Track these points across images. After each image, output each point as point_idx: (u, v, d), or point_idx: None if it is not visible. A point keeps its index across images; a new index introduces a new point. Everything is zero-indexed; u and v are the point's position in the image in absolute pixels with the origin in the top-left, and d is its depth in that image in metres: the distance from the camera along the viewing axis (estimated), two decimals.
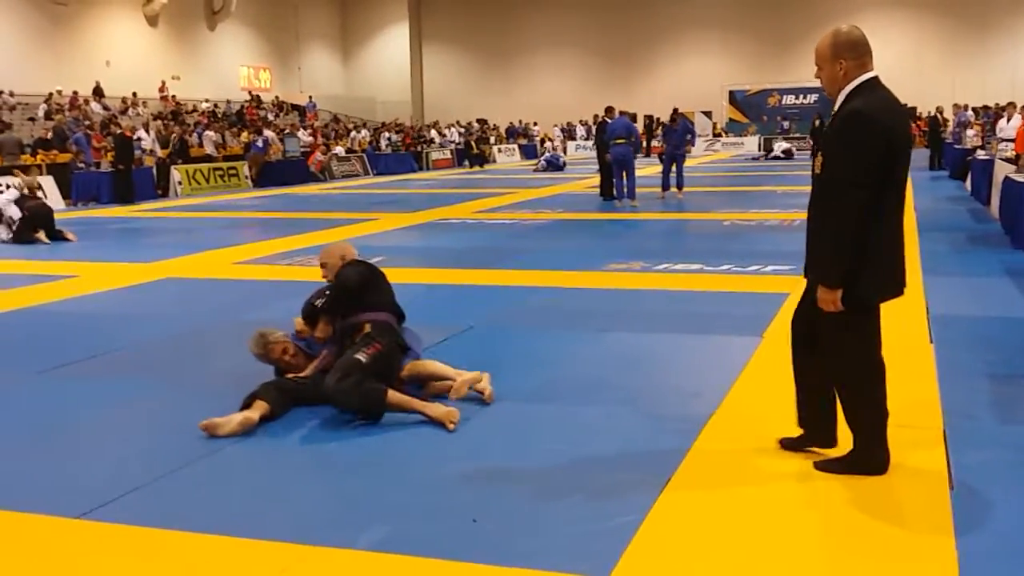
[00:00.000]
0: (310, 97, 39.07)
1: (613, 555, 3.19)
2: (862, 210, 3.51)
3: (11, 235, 13.07)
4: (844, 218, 3.53)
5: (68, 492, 3.89)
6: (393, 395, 4.73)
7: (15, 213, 13.08)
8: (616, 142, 16.51)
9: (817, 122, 32.97)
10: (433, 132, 38.82)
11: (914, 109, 40.87)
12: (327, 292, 5.25)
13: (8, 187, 15.22)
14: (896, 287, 3.75)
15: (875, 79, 3.66)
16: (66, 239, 13.16)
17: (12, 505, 3.73)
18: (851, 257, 3.56)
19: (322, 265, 5.42)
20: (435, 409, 4.67)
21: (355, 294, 5.13)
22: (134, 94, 31.14)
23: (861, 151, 3.52)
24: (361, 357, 4.73)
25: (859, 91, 3.63)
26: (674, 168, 18.06)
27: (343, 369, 4.68)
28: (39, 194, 14.03)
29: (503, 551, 3.24)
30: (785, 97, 42.91)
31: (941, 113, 25.76)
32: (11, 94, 27.62)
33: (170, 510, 3.67)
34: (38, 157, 21.81)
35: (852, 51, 3.65)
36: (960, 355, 5.72)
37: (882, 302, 3.76)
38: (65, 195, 20.04)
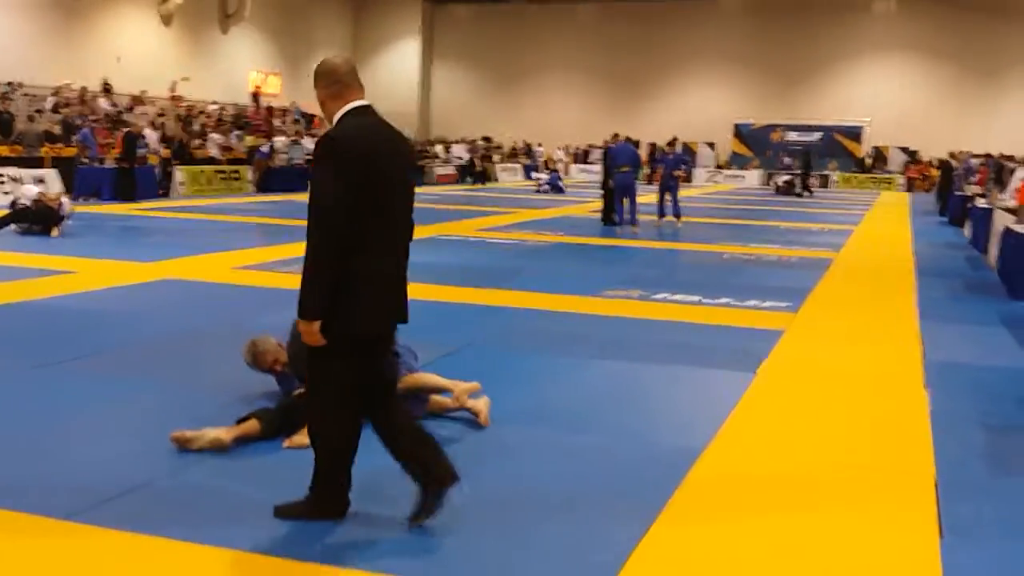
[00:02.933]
0: (294, 103, 39.00)
1: None
2: (339, 237, 3.36)
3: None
4: (321, 245, 3.36)
5: (58, 492, 3.86)
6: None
7: (24, 203, 13.27)
8: (621, 170, 16.57)
9: (806, 159, 33.42)
10: (439, 147, 38.87)
11: (915, 153, 41.14)
12: None
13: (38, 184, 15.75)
14: (381, 323, 3.60)
15: (365, 107, 3.59)
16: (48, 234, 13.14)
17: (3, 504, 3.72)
18: (330, 288, 3.38)
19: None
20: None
21: None
22: (143, 92, 31.20)
23: (331, 176, 3.36)
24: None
25: (344, 118, 3.55)
26: (668, 197, 18.12)
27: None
28: (57, 204, 13.85)
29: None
30: (788, 133, 43.11)
31: (954, 158, 25.67)
32: (20, 84, 27.64)
33: (163, 516, 3.65)
34: (43, 150, 21.81)
35: (325, 78, 3.59)
36: (955, 403, 5.74)
37: (368, 338, 3.54)
38: (68, 189, 20.03)
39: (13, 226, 13.16)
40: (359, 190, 3.38)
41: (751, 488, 4.17)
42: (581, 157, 43.30)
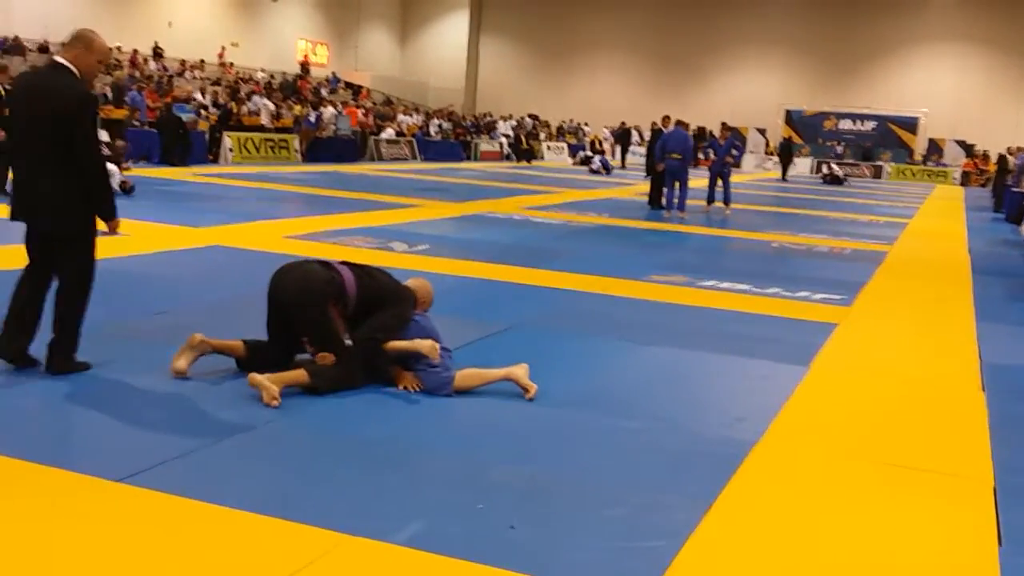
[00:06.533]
0: (333, 73, 39.10)
1: None
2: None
3: None
4: None
5: (107, 454, 3.90)
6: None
7: None
8: (672, 156, 16.35)
9: (785, 146, 33.49)
10: (499, 121, 38.74)
11: (972, 146, 40.31)
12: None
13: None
14: (14, 215, 4.87)
15: (49, 60, 4.94)
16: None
17: (52, 461, 3.75)
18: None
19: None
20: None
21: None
22: (201, 61, 31.44)
23: None
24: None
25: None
26: (720, 183, 17.92)
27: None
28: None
29: (538, 561, 3.20)
30: (842, 121, 42.44)
31: (1011, 154, 25.06)
32: None
33: (209, 482, 3.67)
34: None
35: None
36: (1013, 406, 5.59)
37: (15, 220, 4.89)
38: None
39: None
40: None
41: (803, 485, 4.09)
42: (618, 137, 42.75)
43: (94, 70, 4.95)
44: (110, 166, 13.62)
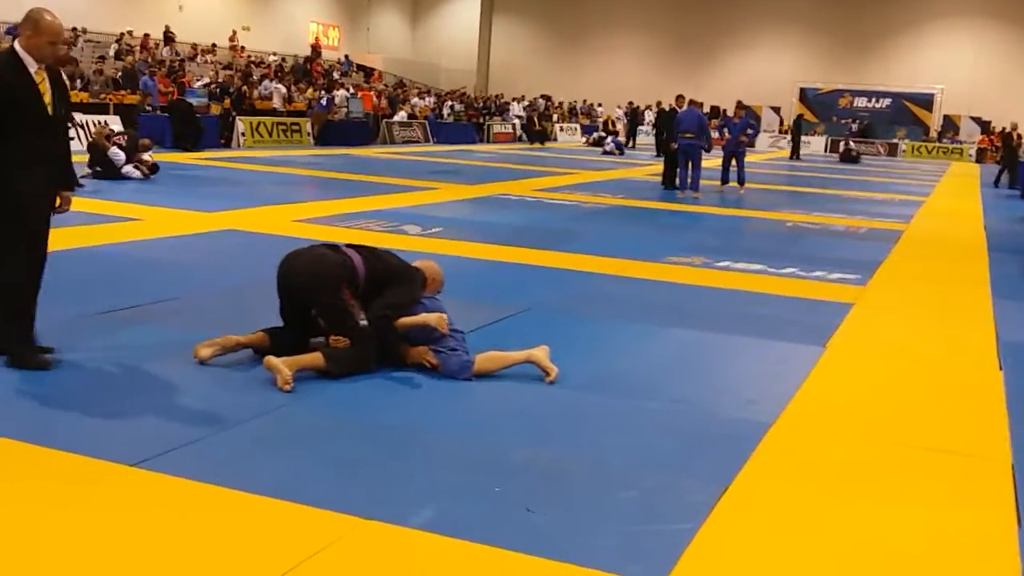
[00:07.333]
0: (346, 56, 39.01)
1: (668, 560, 3.13)
2: None
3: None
4: None
5: (121, 439, 3.91)
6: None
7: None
8: (685, 136, 16.26)
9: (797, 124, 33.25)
10: (511, 103, 38.52)
11: (988, 123, 39.93)
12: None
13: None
14: None
15: (10, 45, 4.70)
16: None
17: (67, 447, 3.75)
18: None
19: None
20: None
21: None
22: (213, 45, 31.39)
23: None
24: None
25: None
26: (735, 163, 17.81)
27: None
28: (112, 142, 14.27)
29: (555, 545, 3.18)
30: (857, 99, 42.10)
31: (1016, 130, 24.93)
32: (83, 31, 27.92)
33: (223, 466, 3.67)
34: (105, 97, 22.06)
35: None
36: None
37: None
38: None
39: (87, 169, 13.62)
40: None
41: (820, 466, 4.07)
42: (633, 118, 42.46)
43: (45, 51, 4.67)
44: (115, 151, 13.80)
